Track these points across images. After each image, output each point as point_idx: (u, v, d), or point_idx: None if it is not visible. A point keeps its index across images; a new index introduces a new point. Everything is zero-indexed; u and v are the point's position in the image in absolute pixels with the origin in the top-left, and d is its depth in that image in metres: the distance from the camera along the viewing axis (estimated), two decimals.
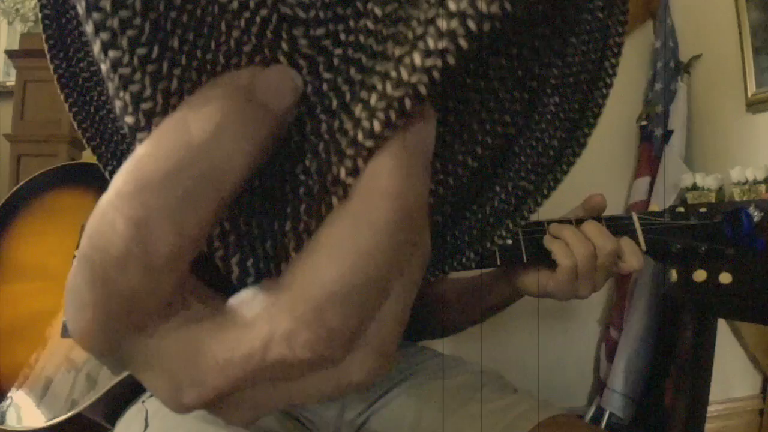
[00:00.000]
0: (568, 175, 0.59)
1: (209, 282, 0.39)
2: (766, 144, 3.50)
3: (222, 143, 0.31)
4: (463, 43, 0.29)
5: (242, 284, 0.38)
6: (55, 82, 0.56)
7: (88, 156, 3.04)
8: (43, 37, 0.55)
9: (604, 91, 0.57)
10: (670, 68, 4.00)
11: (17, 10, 5.14)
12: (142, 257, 0.31)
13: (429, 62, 0.30)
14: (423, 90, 0.31)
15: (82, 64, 0.57)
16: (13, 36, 5.04)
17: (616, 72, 0.56)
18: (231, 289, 0.38)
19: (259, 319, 0.34)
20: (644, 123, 4.08)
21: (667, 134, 3.91)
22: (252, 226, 0.37)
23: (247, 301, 0.36)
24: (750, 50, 3.60)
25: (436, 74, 0.30)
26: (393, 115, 0.31)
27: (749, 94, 3.61)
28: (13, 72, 3.29)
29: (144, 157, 0.31)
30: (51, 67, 0.56)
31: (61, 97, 0.57)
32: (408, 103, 0.31)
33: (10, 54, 3.21)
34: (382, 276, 0.33)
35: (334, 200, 0.34)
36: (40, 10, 0.54)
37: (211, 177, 0.31)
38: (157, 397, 0.38)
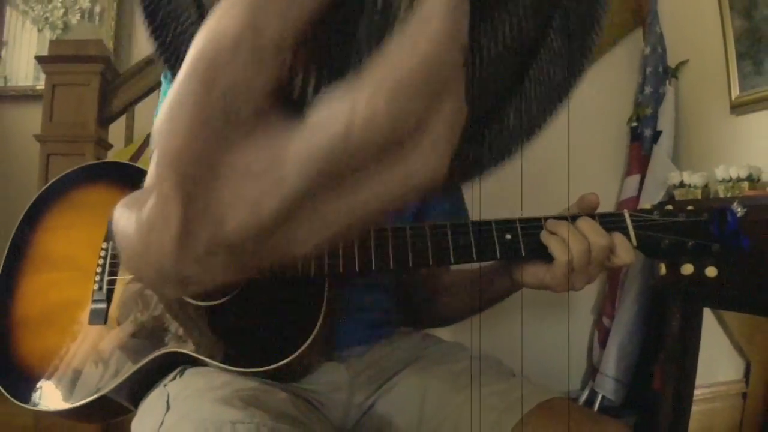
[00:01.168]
0: (563, 105, 0.64)
1: None
2: (748, 144, 3.51)
3: None
4: None
5: None
6: None
7: (112, 155, 3.06)
8: None
9: (596, 36, 0.63)
10: (659, 73, 4.02)
11: (46, 18, 5.17)
12: (253, 39, 0.37)
13: None
14: None
15: None
16: (42, 42, 5.06)
17: (605, 18, 0.62)
18: None
19: (341, 109, 0.38)
20: (635, 124, 4.09)
21: (656, 135, 3.94)
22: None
23: (324, 102, 0.40)
24: (734, 55, 3.60)
25: None
26: None
27: (733, 97, 3.62)
28: (42, 76, 3.30)
29: None
30: None
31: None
32: None
33: (40, 59, 3.23)
34: (436, 77, 0.38)
35: (401, 12, 0.41)
36: None
37: None
38: (235, 219, 0.39)
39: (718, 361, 3.83)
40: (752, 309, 2.72)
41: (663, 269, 1.61)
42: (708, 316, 3.01)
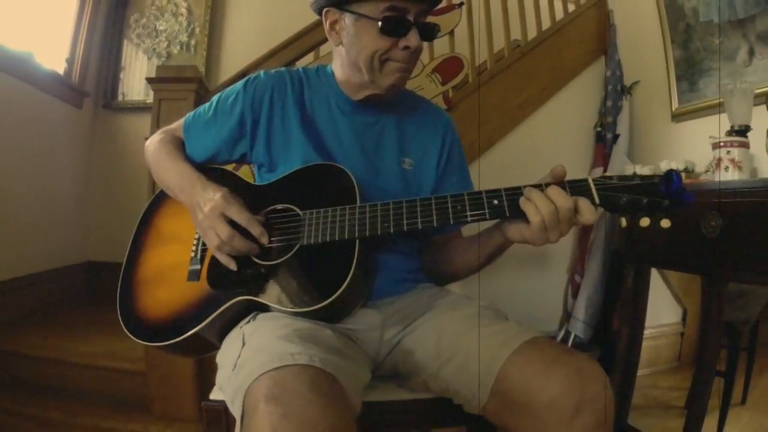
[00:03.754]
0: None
1: None
2: (685, 144, 3.60)
3: None
4: None
5: None
6: None
7: None
8: None
9: None
10: (617, 90, 4.07)
11: (154, 49, 5.36)
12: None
13: None
14: None
15: None
16: (151, 67, 5.27)
17: None
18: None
19: None
20: (599, 129, 4.14)
21: (615, 137, 4.00)
22: None
23: None
24: (674, 77, 3.67)
25: None
26: None
27: (673, 109, 3.69)
28: (151, 93, 3.36)
29: None
30: None
31: None
32: None
33: (149, 80, 3.26)
34: None
35: None
36: None
37: None
38: None
39: (661, 308, 3.88)
40: (687, 268, 2.74)
41: (624, 222, 1.61)
42: (654, 274, 3.03)
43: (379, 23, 1.64)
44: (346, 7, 1.71)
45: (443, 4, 3.74)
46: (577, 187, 1.43)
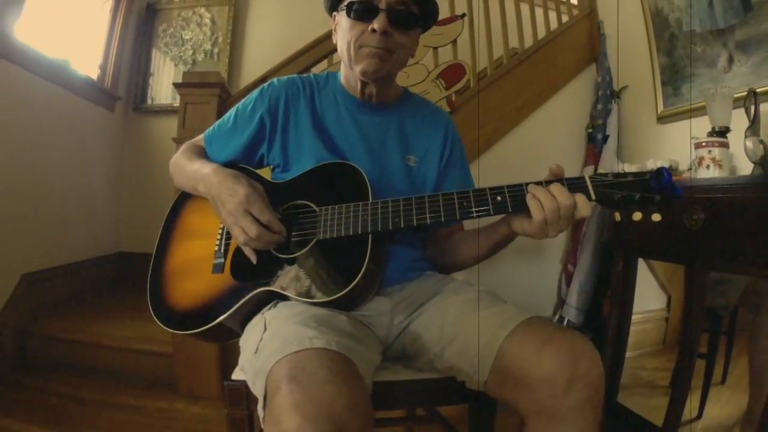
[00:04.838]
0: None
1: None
2: (669, 144, 3.59)
3: None
4: None
5: None
6: None
7: None
8: None
9: None
10: (607, 95, 4.06)
11: (180, 56, 5.42)
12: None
13: None
14: None
15: None
16: (177, 73, 5.31)
17: None
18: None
19: None
20: (590, 130, 4.13)
21: (605, 138, 3.99)
22: None
23: None
24: (659, 83, 3.66)
25: None
26: None
27: (659, 112, 3.68)
28: (177, 97, 3.37)
29: None
30: None
31: None
32: None
33: (176, 85, 3.27)
34: None
35: None
36: None
37: None
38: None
39: (648, 295, 3.87)
40: (671, 259, 2.73)
41: (618, 217, 1.60)
42: (641, 264, 3.03)
43: (346, 9, 1.73)
44: (338, 7, 1.81)
45: (446, 15, 3.76)
46: (575, 184, 1.43)
